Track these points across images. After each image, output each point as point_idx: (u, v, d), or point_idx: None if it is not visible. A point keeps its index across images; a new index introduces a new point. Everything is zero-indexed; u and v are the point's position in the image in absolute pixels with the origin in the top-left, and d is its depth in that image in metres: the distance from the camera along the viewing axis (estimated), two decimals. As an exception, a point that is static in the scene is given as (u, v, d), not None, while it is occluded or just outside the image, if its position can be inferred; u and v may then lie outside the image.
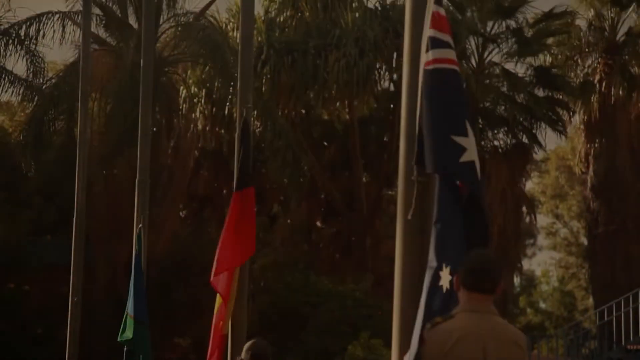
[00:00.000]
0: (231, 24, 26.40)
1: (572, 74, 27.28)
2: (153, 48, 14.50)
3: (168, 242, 23.18)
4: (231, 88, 23.50)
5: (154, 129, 21.67)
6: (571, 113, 26.93)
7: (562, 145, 37.24)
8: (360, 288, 23.83)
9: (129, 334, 10.56)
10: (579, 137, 28.31)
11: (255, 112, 23.06)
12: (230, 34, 25.70)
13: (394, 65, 26.06)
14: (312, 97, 26.31)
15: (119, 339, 10.79)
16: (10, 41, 23.26)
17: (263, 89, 24.94)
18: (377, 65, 26.05)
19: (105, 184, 22.75)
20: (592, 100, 26.55)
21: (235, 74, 10.32)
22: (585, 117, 26.85)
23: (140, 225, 11.19)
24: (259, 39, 25.24)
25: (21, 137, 23.87)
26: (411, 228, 5.33)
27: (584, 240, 36.89)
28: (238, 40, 9.05)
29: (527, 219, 29.59)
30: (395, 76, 26.84)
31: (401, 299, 5.30)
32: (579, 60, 27.47)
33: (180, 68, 25.56)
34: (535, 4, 26.36)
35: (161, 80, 22.77)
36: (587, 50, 27.27)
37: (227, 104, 24.71)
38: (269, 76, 25.12)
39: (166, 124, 23.81)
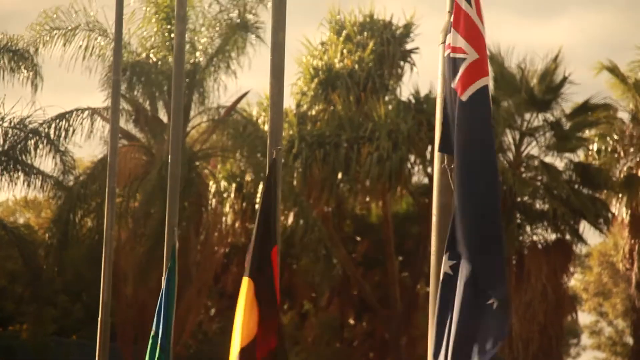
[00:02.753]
0: (262, 117, 26.14)
1: (614, 168, 26.53)
2: (181, 143, 14.17)
3: (190, 335, 22.49)
4: (261, 182, 23.05)
5: (183, 224, 21.20)
6: (614, 209, 26.13)
7: (604, 241, 36.27)
8: (396, 389, 23.00)
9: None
10: (621, 233, 27.46)
11: (285, 205, 22.62)
12: (262, 127, 25.41)
13: (427, 158, 25.57)
14: (344, 191, 25.87)
15: None
16: (39, 140, 22.94)
17: (294, 182, 24.55)
18: (412, 159, 25.63)
19: (133, 282, 22.21)
20: (637, 195, 25.77)
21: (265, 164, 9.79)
22: (630, 212, 26.06)
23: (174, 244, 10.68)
24: (291, 132, 24.94)
25: (47, 237, 23.42)
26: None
27: (629, 340, 35.69)
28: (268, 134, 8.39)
29: (570, 318, 28.65)
30: (430, 170, 26.33)
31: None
32: (622, 153, 26.76)
33: (211, 162, 25.24)
34: (573, 92, 25.80)
35: (191, 175, 22.40)
36: (630, 142, 26.58)
37: (257, 198, 24.29)
38: (300, 170, 24.77)
39: (195, 219, 23.37)
